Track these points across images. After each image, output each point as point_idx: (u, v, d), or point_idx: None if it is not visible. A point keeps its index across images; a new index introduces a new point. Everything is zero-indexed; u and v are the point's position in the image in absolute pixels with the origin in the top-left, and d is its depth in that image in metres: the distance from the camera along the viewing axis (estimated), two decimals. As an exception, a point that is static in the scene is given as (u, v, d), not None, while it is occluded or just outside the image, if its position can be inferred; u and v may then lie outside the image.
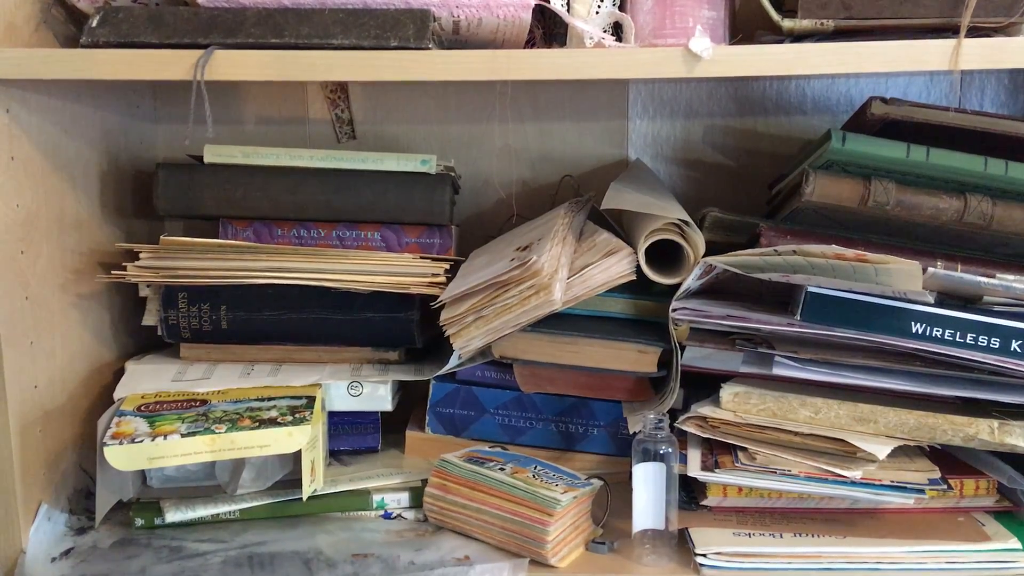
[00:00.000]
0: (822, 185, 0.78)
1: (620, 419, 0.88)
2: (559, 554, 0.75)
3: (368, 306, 0.86)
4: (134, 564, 0.73)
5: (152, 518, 0.78)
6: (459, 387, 0.90)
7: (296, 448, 0.74)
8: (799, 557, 0.72)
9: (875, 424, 0.75)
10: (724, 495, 0.80)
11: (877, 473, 0.73)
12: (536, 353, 0.82)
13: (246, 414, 0.75)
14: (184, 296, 0.85)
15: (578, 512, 0.78)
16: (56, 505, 0.77)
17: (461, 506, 0.78)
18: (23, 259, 0.74)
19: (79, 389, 0.82)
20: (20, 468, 0.73)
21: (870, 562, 0.72)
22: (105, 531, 0.78)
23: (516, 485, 0.76)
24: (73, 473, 0.81)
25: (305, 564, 0.73)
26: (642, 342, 0.81)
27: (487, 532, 0.77)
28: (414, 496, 0.82)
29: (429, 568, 0.73)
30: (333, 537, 0.77)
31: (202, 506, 0.78)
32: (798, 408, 0.77)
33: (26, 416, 0.74)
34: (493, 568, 0.73)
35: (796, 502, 0.79)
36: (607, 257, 0.79)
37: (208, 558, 0.74)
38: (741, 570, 0.72)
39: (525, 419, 0.90)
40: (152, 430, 0.73)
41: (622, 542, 0.78)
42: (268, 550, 0.75)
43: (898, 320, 0.74)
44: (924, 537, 0.74)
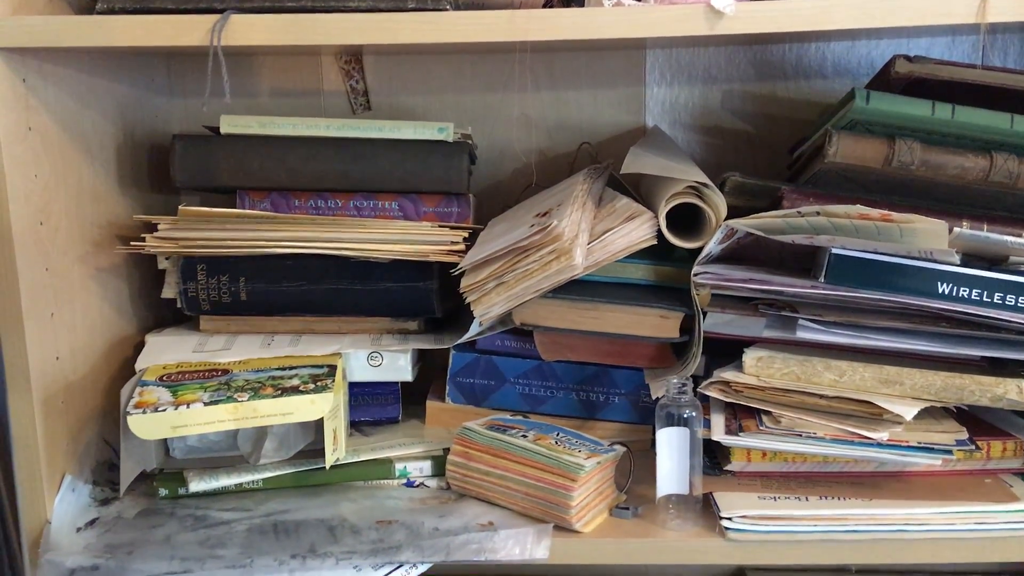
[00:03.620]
0: (845, 145, 0.77)
1: (641, 387, 0.88)
2: (583, 519, 0.74)
3: (387, 276, 0.85)
4: (159, 533, 0.73)
5: (176, 488, 0.78)
6: (479, 357, 0.89)
7: (318, 416, 0.74)
8: (825, 520, 0.72)
9: (901, 386, 0.74)
10: (748, 460, 0.79)
11: (904, 435, 0.73)
12: (557, 320, 0.81)
13: (268, 383, 0.75)
14: (203, 268, 0.85)
15: (601, 478, 0.78)
16: (80, 476, 0.78)
17: (484, 473, 0.78)
18: (42, 230, 0.74)
19: (100, 361, 0.82)
20: (44, 439, 0.73)
21: (897, 524, 0.71)
22: (129, 501, 0.78)
23: (539, 451, 0.76)
24: (96, 445, 0.81)
25: (330, 531, 0.73)
26: (664, 307, 0.80)
27: (510, 499, 0.76)
28: (436, 464, 0.82)
29: (453, 534, 0.72)
30: (357, 505, 0.77)
31: (225, 476, 0.78)
32: (822, 371, 0.76)
33: (48, 388, 0.74)
34: (517, 533, 0.73)
35: (821, 466, 0.79)
36: (628, 222, 0.78)
37: (233, 526, 0.74)
38: (767, 533, 0.72)
39: (546, 388, 0.89)
40: (175, 399, 0.73)
41: (646, 507, 0.77)
42: (292, 518, 0.75)
43: (924, 280, 0.73)
44: (951, 499, 0.73)
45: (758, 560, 0.73)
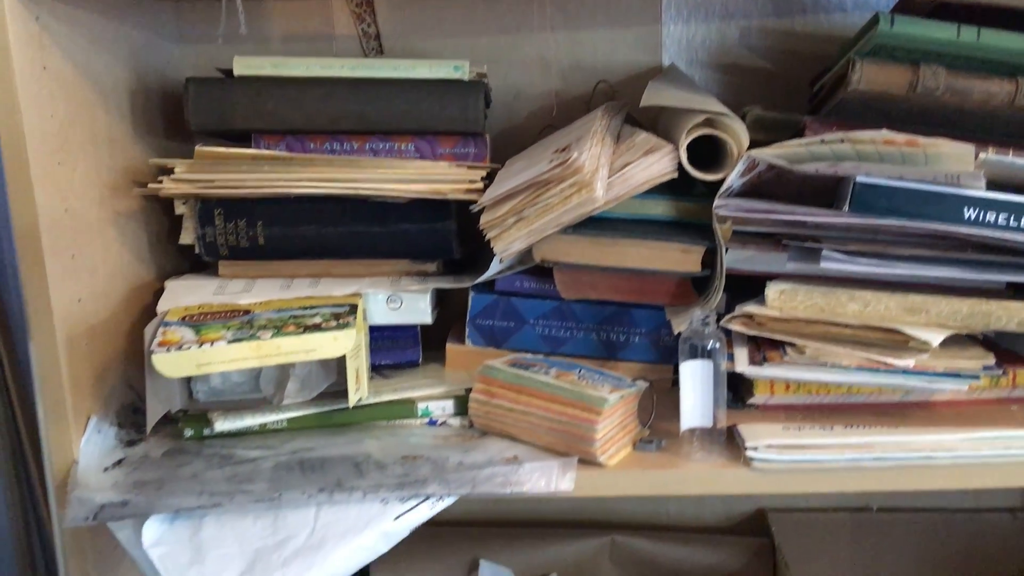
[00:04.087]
0: (869, 72, 0.76)
1: (661, 326, 0.87)
2: (607, 452, 0.74)
3: (405, 217, 0.85)
4: (186, 470, 0.73)
5: (201, 429, 0.79)
6: (498, 298, 0.89)
7: (341, 352, 0.74)
8: (851, 448, 0.72)
9: (927, 314, 0.74)
10: (771, 393, 0.79)
11: (930, 362, 0.72)
12: (577, 256, 0.81)
13: (290, 321, 0.75)
14: (220, 212, 0.85)
15: (625, 412, 0.77)
16: (105, 419, 0.78)
17: (507, 410, 0.77)
18: (60, 171, 0.73)
19: (120, 307, 0.82)
20: (69, 380, 0.73)
21: (924, 450, 0.71)
22: (155, 442, 0.78)
23: (562, 386, 0.76)
24: (120, 388, 0.81)
25: (355, 466, 0.73)
26: (685, 241, 0.80)
27: (534, 434, 0.76)
28: (458, 404, 0.82)
29: (478, 468, 0.73)
30: (381, 442, 0.77)
31: (250, 416, 0.79)
32: (846, 302, 0.75)
33: (72, 329, 0.74)
34: (542, 466, 0.73)
35: (845, 397, 0.79)
36: (648, 155, 0.78)
37: (259, 463, 0.74)
38: (792, 462, 0.72)
39: (565, 329, 0.89)
40: (198, 338, 0.73)
41: (670, 441, 0.77)
42: (318, 455, 0.75)
43: (950, 206, 0.72)
44: (978, 426, 0.73)
45: (783, 489, 0.73)
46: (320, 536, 0.69)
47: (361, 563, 0.69)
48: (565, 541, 1.04)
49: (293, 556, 0.68)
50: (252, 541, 0.69)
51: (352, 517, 0.70)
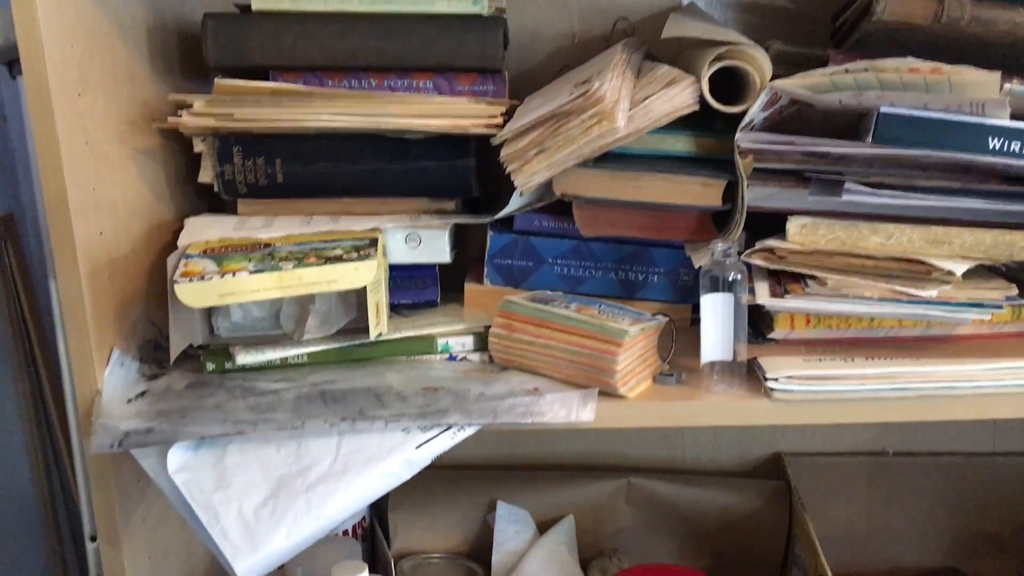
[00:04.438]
0: (894, 3, 0.75)
1: (680, 266, 0.87)
2: (628, 384, 0.75)
3: (424, 154, 0.85)
4: (209, 401, 0.74)
5: (223, 362, 0.79)
6: (517, 238, 0.89)
7: (362, 283, 0.74)
8: (872, 379, 0.72)
9: (950, 246, 0.74)
10: (792, 327, 0.79)
11: (952, 293, 0.72)
12: (598, 190, 0.80)
13: (311, 253, 0.75)
14: (239, 149, 0.84)
15: (645, 345, 0.78)
16: (127, 353, 0.78)
17: (527, 343, 0.78)
18: (81, 102, 0.73)
19: (141, 243, 0.82)
20: (92, 312, 0.73)
21: (946, 381, 0.71)
22: (177, 376, 0.79)
23: (582, 320, 0.76)
24: (142, 325, 0.81)
25: (377, 397, 0.73)
26: (706, 175, 0.79)
27: (554, 367, 0.77)
28: (478, 340, 0.82)
29: (499, 398, 0.73)
30: (402, 375, 0.78)
31: (271, 350, 0.79)
32: (868, 235, 0.75)
33: (94, 260, 0.74)
34: (563, 397, 0.73)
35: (866, 331, 0.79)
36: (669, 87, 0.77)
37: (281, 394, 0.74)
38: (813, 392, 0.72)
39: (584, 268, 0.89)
40: (220, 268, 0.73)
41: (690, 375, 0.78)
42: (339, 387, 0.75)
43: (974, 136, 0.71)
44: (1000, 357, 0.73)
45: (803, 420, 0.73)
46: (343, 463, 0.69)
47: (384, 490, 0.70)
48: (581, 483, 1.05)
49: (316, 482, 0.68)
50: (276, 468, 0.69)
51: (374, 446, 0.70)
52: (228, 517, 0.66)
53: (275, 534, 0.66)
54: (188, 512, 0.68)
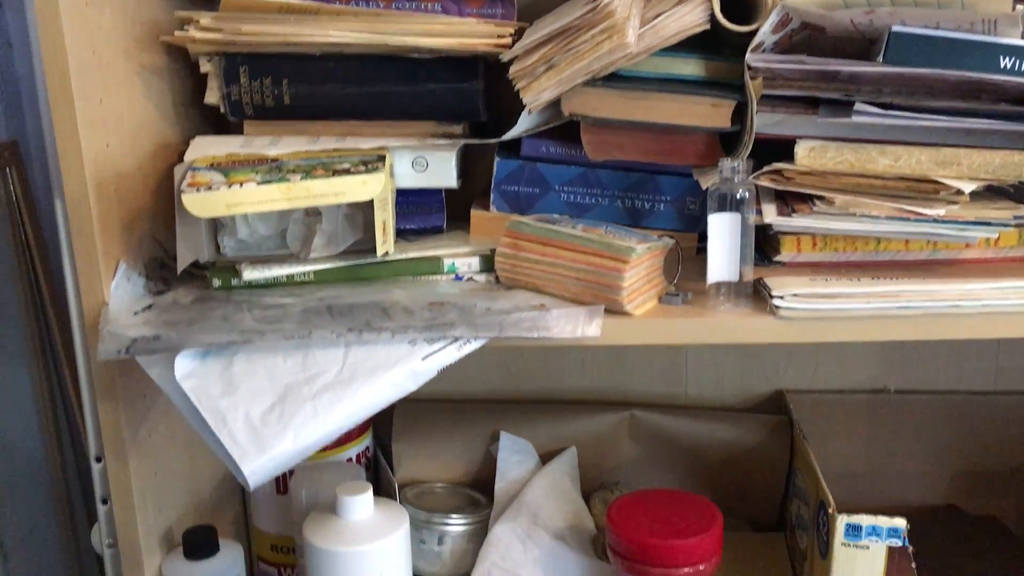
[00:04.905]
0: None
1: (687, 194, 0.87)
2: (634, 302, 0.75)
3: (431, 76, 0.84)
4: (216, 313, 0.74)
5: (229, 279, 0.79)
6: (524, 164, 0.89)
7: (370, 196, 0.74)
8: (878, 296, 0.72)
9: (958, 167, 0.73)
10: (798, 250, 0.79)
11: (960, 212, 0.72)
12: (607, 110, 0.80)
13: (319, 166, 0.75)
14: (245, 69, 0.84)
15: (651, 265, 0.78)
16: (133, 269, 0.78)
17: (533, 262, 0.78)
18: (88, 11, 0.73)
19: (147, 161, 0.82)
20: (98, 221, 0.73)
21: (951, 299, 0.71)
22: (183, 292, 0.79)
23: (589, 238, 0.76)
24: (148, 243, 0.81)
25: (383, 311, 0.74)
26: (716, 95, 0.79)
27: (561, 286, 0.77)
28: (485, 261, 0.83)
29: (505, 313, 0.73)
30: (408, 292, 0.78)
31: (277, 267, 0.79)
32: (877, 157, 0.75)
33: (100, 173, 0.74)
34: (570, 312, 0.73)
35: (872, 255, 0.79)
36: (680, 5, 0.76)
37: (288, 308, 0.75)
38: (819, 310, 0.72)
39: (591, 195, 0.89)
40: (227, 180, 0.73)
41: (696, 296, 0.78)
42: (346, 302, 0.76)
43: (986, 55, 0.71)
44: (1007, 277, 0.73)
45: (809, 338, 0.73)
46: (350, 373, 0.70)
47: (389, 399, 0.70)
48: (584, 416, 1.06)
49: (323, 390, 0.69)
50: (282, 376, 0.70)
51: (381, 356, 0.71)
52: (236, 421, 0.67)
53: (282, 438, 0.66)
54: (195, 418, 0.68)
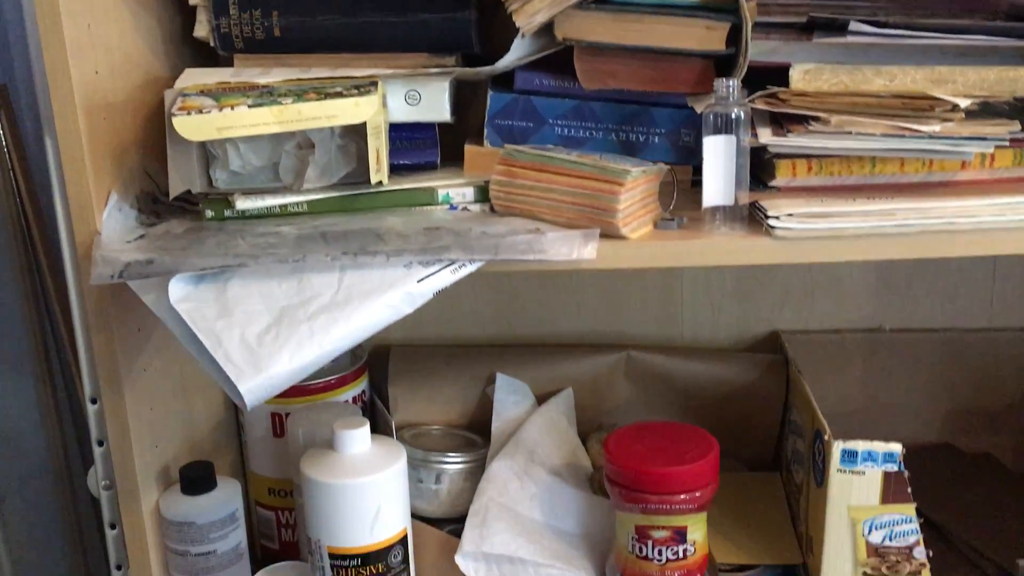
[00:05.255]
0: None
1: (681, 126, 0.87)
2: (629, 226, 0.74)
3: (424, 6, 0.84)
4: (210, 240, 0.73)
5: (222, 210, 0.79)
6: (518, 97, 0.88)
7: (363, 119, 0.73)
8: (873, 215, 0.72)
9: (953, 84, 0.73)
10: (793, 174, 0.79)
11: (955, 128, 0.72)
12: (601, 33, 0.79)
13: (311, 90, 0.74)
14: (235, 1, 0.83)
15: (646, 190, 0.77)
16: (125, 200, 0.78)
17: (528, 188, 0.77)
18: (74, -64, 0.72)
19: (137, 93, 0.82)
20: (88, 149, 0.72)
21: (946, 217, 0.71)
22: (176, 223, 0.78)
23: (584, 163, 0.75)
24: (139, 176, 0.81)
25: (378, 236, 0.73)
26: (711, 17, 0.78)
27: (556, 211, 0.76)
28: (479, 192, 0.82)
29: (500, 236, 0.73)
30: (403, 219, 0.78)
31: (271, 197, 0.79)
32: (872, 78, 0.75)
33: (89, 99, 0.73)
34: (565, 235, 0.73)
35: (868, 178, 0.78)
36: (673, -74, 0.76)
37: (282, 235, 0.74)
38: (814, 230, 0.72)
39: (585, 129, 0.88)
40: (218, 104, 0.72)
41: (691, 221, 0.78)
42: (340, 229, 0.75)
43: (981, -30, 0.71)
44: (1002, 194, 0.73)
45: (805, 258, 0.73)
46: (345, 295, 0.69)
47: (386, 321, 0.70)
48: (580, 358, 1.06)
49: (319, 312, 0.68)
50: (278, 300, 0.69)
51: (376, 279, 0.70)
52: (231, 341, 0.66)
53: (278, 358, 0.66)
54: (191, 341, 0.68)
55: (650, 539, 0.82)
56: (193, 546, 0.80)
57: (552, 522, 0.91)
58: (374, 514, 0.81)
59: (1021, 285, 1.06)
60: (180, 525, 0.80)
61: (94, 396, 0.92)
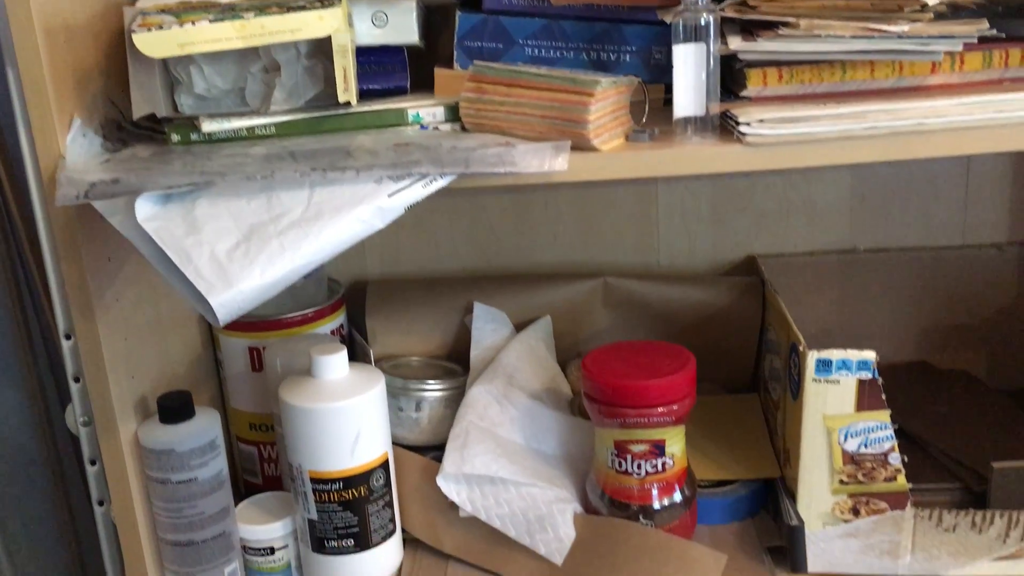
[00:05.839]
0: None
1: (652, 44, 0.86)
2: (601, 137, 0.74)
3: (387, -76, 0.82)
4: (176, 162, 0.72)
5: (188, 134, 0.78)
6: (487, 18, 0.87)
7: (328, 32, 0.72)
8: (844, 118, 0.71)
9: (923, -14, 0.73)
10: (764, 83, 0.78)
11: (924, 28, 0.72)
12: (567, -56, 0.78)
13: (273, 5, 0.73)
14: (194, -77, 0.82)
15: (617, 102, 0.77)
16: (89, 126, 0.76)
17: (498, 104, 0.77)
18: None
19: (98, 19, 0.80)
20: (50, 72, 0.71)
21: (917, 117, 0.71)
22: (141, 148, 0.77)
23: (554, 75, 0.75)
24: (102, 102, 0.79)
25: (347, 153, 0.72)
26: (677, -75, 0.78)
27: (527, 126, 0.76)
28: (450, 111, 0.81)
29: (471, 150, 0.72)
30: (373, 137, 0.77)
31: (237, 119, 0.78)
32: (842, -17, 0.74)
33: (49, 21, 0.71)
34: (536, 147, 0.73)
35: (838, 85, 0.78)
36: None
37: (250, 156, 0.73)
38: (785, 135, 0.72)
39: (556, 49, 0.88)
40: (179, 19, 0.71)
41: (663, 133, 0.77)
42: (309, 148, 0.74)
43: None
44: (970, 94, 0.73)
45: (777, 164, 0.73)
46: (315, 210, 0.69)
47: (358, 236, 0.70)
48: (558, 285, 1.06)
49: (289, 227, 0.68)
50: (247, 217, 0.69)
51: (347, 195, 0.70)
52: (201, 257, 0.66)
53: (249, 272, 0.65)
54: (160, 260, 0.67)
55: (629, 454, 0.83)
56: (174, 474, 0.80)
57: (532, 444, 0.92)
58: (354, 438, 0.82)
59: (994, 202, 1.07)
60: (159, 454, 0.80)
61: (68, 332, 0.91)
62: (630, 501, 0.84)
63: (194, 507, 0.81)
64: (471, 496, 0.86)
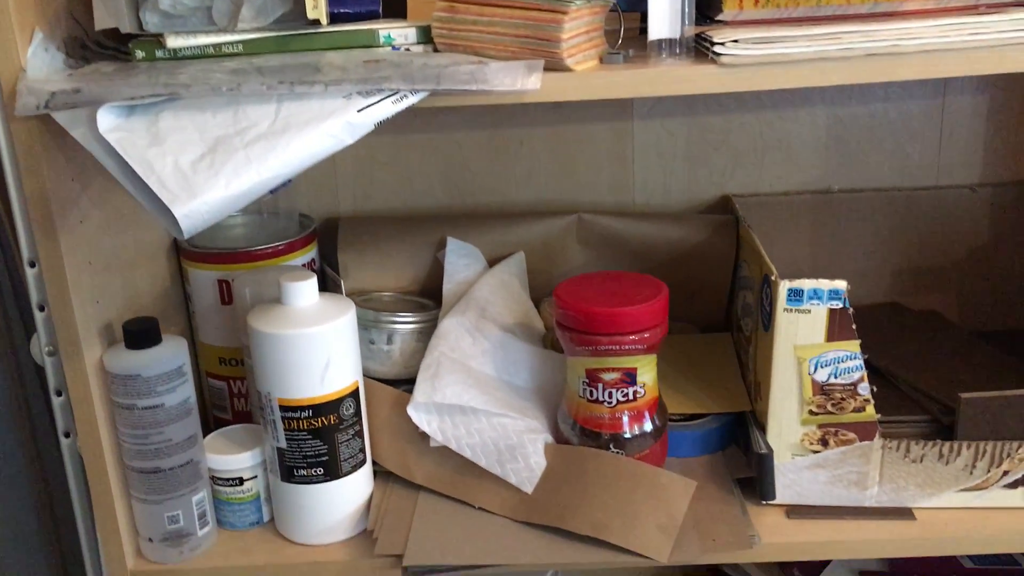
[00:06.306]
0: None
1: (628, -29, 0.85)
2: (574, 57, 0.73)
3: None
4: (140, 76, 0.71)
5: (153, 50, 0.76)
6: (460, -59, 0.86)
7: (297, -57, 0.70)
8: (819, 39, 0.71)
9: (900, -95, 0.72)
10: (740, 7, 0.77)
11: (902, -51, 0.71)
12: None
13: (240, -85, 0.71)
14: None
15: (591, 23, 0.76)
16: (51, 42, 0.74)
17: (471, 23, 0.75)
18: None
19: (58, -68, 0.78)
20: (8, -21, 0.69)
21: (891, 39, 0.71)
22: (105, 64, 0.75)
23: (528, -6, 0.74)
24: (65, 19, 0.77)
25: (316, 69, 0.71)
26: None
27: (500, 45, 0.75)
28: (422, 33, 0.80)
29: (443, 67, 0.71)
30: (342, 55, 0.75)
31: (204, 36, 0.76)
32: (819, -97, 0.73)
33: (5, -75, 0.70)
34: (508, 66, 0.71)
35: (814, 10, 0.77)
36: None
37: (215, 70, 0.72)
38: (760, 55, 0.71)
39: (530, -25, 0.86)
40: (142, -74, 0.69)
41: (638, 56, 0.76)
42: (277, 63, 0.73)
43: None
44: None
45: (751, 85, 0.72)
46: (283, 124, 0.68)
47: (325, 151, 0.68)
48: (532, 222, 1.05)
49: (256, 139, 0.67)
50: (212, 130, 0.67)
51: (315, 109, 0.68)
52: (164, 168, 0.64)
53: (214, 184, 0.64)
54: (122, 172, 0.65)
55: (600, 382, 0.83)
56: (140, 399, 0.79)
57: (504, 376, 0.91)
58: (324, 365, 0.81)
59: (968, 143, 1.07)
60: (125, 379, 0.79)
61: (32, 259, 0.89)
62: (601, 430, 0.84)
63: (161, 434, 0.81)
64: (442, 426, 0.85)
